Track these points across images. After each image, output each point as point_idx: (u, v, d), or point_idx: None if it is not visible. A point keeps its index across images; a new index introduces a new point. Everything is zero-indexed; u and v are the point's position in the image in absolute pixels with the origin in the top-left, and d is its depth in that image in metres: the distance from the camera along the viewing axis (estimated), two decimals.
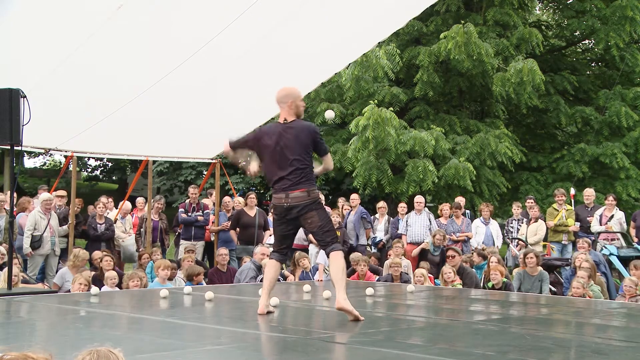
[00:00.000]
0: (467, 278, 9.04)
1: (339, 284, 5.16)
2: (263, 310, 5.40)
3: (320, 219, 5.23)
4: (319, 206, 5.29)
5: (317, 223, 5.23)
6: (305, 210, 5.20)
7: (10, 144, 6.68)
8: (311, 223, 5.25)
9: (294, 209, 5.21)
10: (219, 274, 9.44)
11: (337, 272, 5.22)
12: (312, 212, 5.21)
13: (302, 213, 5.22)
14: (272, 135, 5.29)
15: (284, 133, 5.24)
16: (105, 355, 2.21)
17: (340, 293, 5.14)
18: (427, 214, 11.24)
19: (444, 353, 3.99)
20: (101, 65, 7.79)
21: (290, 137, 5.21)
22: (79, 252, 8.58)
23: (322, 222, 5.24)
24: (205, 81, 8.66)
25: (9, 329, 4.84)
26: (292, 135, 5.21)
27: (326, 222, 5.28)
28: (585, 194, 11.31)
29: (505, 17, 16.01)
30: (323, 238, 5.28)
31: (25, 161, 31.21)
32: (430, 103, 16.19)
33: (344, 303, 5.10)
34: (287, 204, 5.21)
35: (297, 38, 8.25)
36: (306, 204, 5.19)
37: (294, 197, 5.18)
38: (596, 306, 6.87)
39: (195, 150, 11.14)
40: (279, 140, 5.23)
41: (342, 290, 5.14)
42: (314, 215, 5.22)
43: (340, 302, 5.11)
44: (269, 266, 5.54)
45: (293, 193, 5.18)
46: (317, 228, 5.25)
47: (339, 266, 5.22)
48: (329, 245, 5.25)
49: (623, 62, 15.91)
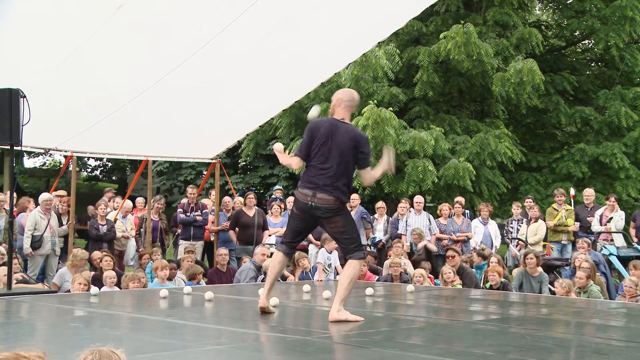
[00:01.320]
0: (467, 278, 9.05)
1: (340, 293, 5.12)
2: (264, 302, 5.35)
3: (344, 224, 5.15)
4: (344, 211, 5.21)
5: (341, 229, 5.15)
6: (330, 214, 5.11)
7: (10, 144, 6.68)
8: (334, 227, 5.18)
9: (318, 211, 5.11)
10: (219, 274, 9.44)
11: (344, 280, 5.17)
12: (337, 217, 5.13)
13: (327, 217, 5.13)
14: (328, 127, 5.16)
15: (339, 129, 5.14)
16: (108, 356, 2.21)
17: (336, 304, 5.10)
18: (426, 214, 11.26)
19: (444, 353, 3.99)
20: (101, 65, 7.79)
21: (344, 136, 5.12)
22: (78, 252, 8.57)
23: (346, 228, 5.15)
24: (205, 81, 8.66)
25: (9, 329, 4.84)
26: (346, 135, 5.13)
27: (350, 228, 5.18)
28: (585, 194, 11.32)
29: (505, 17, 16.01)
30: (345, 245, 5.22)
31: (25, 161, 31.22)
32: (430, 103, 16.18)
33: (336, 315, 5.07)
34: (313, 203, 5.10)
35: (297, 38, 8.26)
36: (331, 209, 5.10)
37: (321, 198, 5.08)
38: (596, 306, 6.87)
39: (195, 150, 11.15)
40: (333, 133, 5.12)
41: (340, 301, 5.09)
42: (338, 221, 5.14)
43: (333, 315, 5.07)
44: (275, 259, 5.46)
45: (321, 194, 5.07)
46: (340, 234, 5.19)
47: (348, 275, 5.16)
48: (351, 252, 5.18)
49: (623, 62, 15.90)
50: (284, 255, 5.43)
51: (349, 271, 5.18)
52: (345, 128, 5.18)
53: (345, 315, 5.11)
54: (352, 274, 5.16)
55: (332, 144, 5.10)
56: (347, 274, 5.18)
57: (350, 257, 5.20)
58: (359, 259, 5.19)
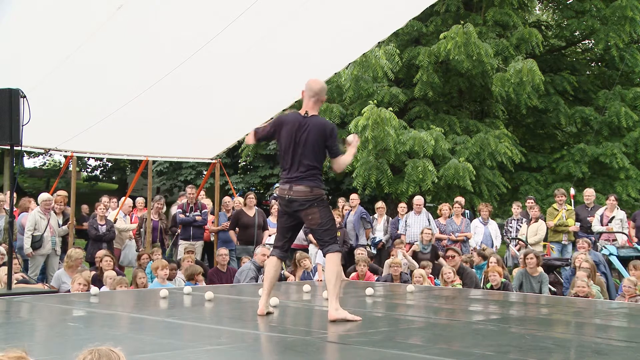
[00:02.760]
0: (467, 278, 9.05)
1: (331, 292, 5.12)
2: (263, 310, 5.37)
3: (321, 216, 5.17)
4: (322, 204, 5.22)
5: (317, 220, 5.17)
6: (307, 205, 5.15)
7: (10, 144, 6.68)
8: (311, 220, 5.19)
9: (295, 203, 5.18)
10: (219, 274, 9.44)
11: (330, 277, 5.17)
12: (314, 209, 5.16)
13: (303, 208, 5.17)
14: (291, 124, 5.22)
15: (303, 126, 5.19)
16: (106, 355, 2.22)
17: (332, 303, 5.10)
18: (426, 215, 11.26)
19: (444, 353, 3.99)
20: (101, 65, 7.78)
21: (307, 131, 5.16)
22: (72, 253, 8.55)
23: (323, 220, 5.17)
24: (205, 81, 8.66)
25: (8, 329, 4.84)
26: (309, 130, 5.16)
27: (327, 220, 5.20)
28: (586, 194, 11.32)
29: (505, 17, 16.01)
30: (322, 237, 5.23)
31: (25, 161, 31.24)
32: (430, 103, 16.18)
33: (335, 314, 5.08)
34: (289, 196, 5.17)
35: (297, 38, 8.25)
36: (307, 200, 5.14)
37: (297, 190, 5.15)
38: (596, 306, 6.87)
39: (195, 150, 11.15)
40: (297, 131, 5.18)
41: (334, 299, 5.10)
42: (315, 212, 5.16)
43: (332, 314, 5.08)
44: (269, 265, 5.48)
45: (297, 187, 5.15)
46: (317, 226, 5.20)
47: (332, 271, 5.16)
48: (327, 244, 5.20)
49: (623, 62, 15.91)
50: (278, 259, 5.45)
51: (331, 267, 5.19)
52: (312, 121, 5.22)
53: (344, 314, 5.12)
54: (335, 268, 5.17)
55: (300, 138, 5.16)
56: (330, 270, 5.18)
57: (327, 251, 5.20)
58: (336, 252, 5.19)
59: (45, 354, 3.83)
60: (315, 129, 5.18)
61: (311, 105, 5.30)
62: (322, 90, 5.39)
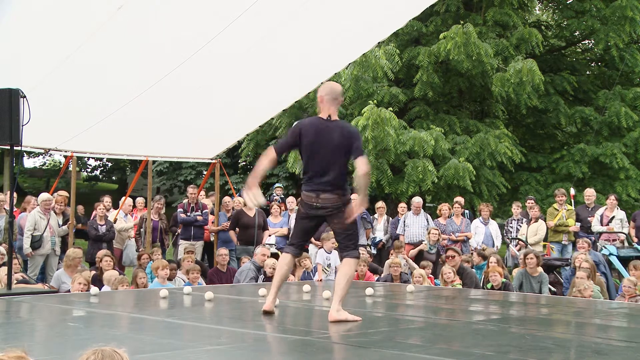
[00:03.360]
0: (467, 278, 9.04)
1: (337, 293, 5.12)
2: (270, 306, 5.33)
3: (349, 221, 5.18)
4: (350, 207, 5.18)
5: (344, 226, 5.17)
6: (336, 212, 5.14)
7: (10, 144, 6.67)
8: (337, 224, 5.19)
9: (323, 210, 5.16)
10: (219, 274, 9.44)
11: (340, 279, 5.18)
12: (342, 214, 5.14)
13: (331, 214, 5.16)
14: (315, 130, 5.14)
15: (327, 131, 5.12)
16: (110, 355, 2.21)
17: (335, 304, 5.10)
18: (424, 215, 11.26)
19: (444, 353, 3.99)
20: (101, 65, 7.79)
21: (335, 136, 5.10)
22: (70, 252, 8.55)
23: (349, 226, 5.17)
24: (205, 81, 8.66)
25: (8, 329, 4.83)
26: (337, 135, 5.10)
27: (351, 226, 5.19)
28: (586, 194, 11.31)
29: (505, 17, 16.01)
30: (344, 242, 5.24)
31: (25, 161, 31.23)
32: (430, 103, 16.17)
33: (336, 315, 5.07)
34: (317, 203, 5.14)
35: (297, 38, 8.26)
36: (337, 206, 5.13)
37: (325, 198, 5.11)
38: (596, 306, 6.87)
39: (195, 150, 11.15)
40: (323, 136, 5.10)
41: (338, 300, 5.09)
42: (343, 218, 5.15)
43: (332, 315, 5.08)
44: (282, 261, 5.43)
45: (325, 194, 5.11)
46: (342, 230, 5.20)
47: (345, 273, 5.17)
48: (347, 249, 5.20)
49: (623, 63, 15.90)
50: (292, 256, 5.42)
51: (345, 270, 5.20)
52: (334, 125, 5.16)
53: (344, 315, 5.11)
54: (349, 272, 5.17)
55: (323, 145, 5.09)
56: (344, 273, 5.19)
57: (346, 256, 5.21)
58: (355, 257, 5.21)
59: (45, 354, 3.83)
60: (342, 132, 5.11)
61: (333, 110, 5.24)
62: (343, 93, 5.38)
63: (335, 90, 5.29)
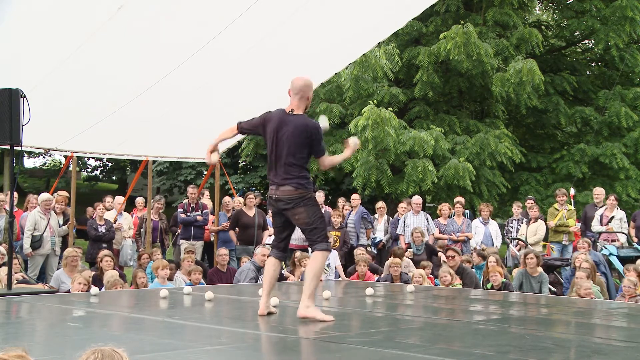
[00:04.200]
0: (467, 278, 9.04)
1: (306, 289, 5.08)
2: (263, 311, 5.35)
3: (308, 215, 5.10)
4: (309, 202, 5.12)
5: (304, 220, 5.11)
6: (292, 205, 5.09)
7: (10, 144, 6.68)
8: (298, 219, 5.14)
9: (280, 202, 5.13)
10: (219, 274, 9.44)
11: (308, 274, 5.15)
12: (300, 209, 5.09)
13: (289, 208, 5.12)
14: (274, 122, 5.18)
15: (285, 124, 5.12)
16: (110, 355, 2.21)
17: (304, 300, 5.06)
18: (424, 215, 11.26)
19: (444, 353, 3.99)
20: (101, 65, 7.79)
21: (290, 130, 5.09)
22: (67, 252, 8.54)
23: (310, 219, 5.10)
24: (205, 81, 8.66)
25: (9, 329, 4.84)
26: (292, 128, 5.09)
27: (314, 219, 5.11)
28: (595, 193, 11.28)
29: (505, 17, 16.01)
30: (310, 236, 5.19)
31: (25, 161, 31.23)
32: (430, 103, 16.18)
33: (305, 312, 5.04)
34: (275, 196, 5.14)
35: (297, 38, 8.25)
36: (292, 199, 5.08)
37: (282, 190, 5.11)
38: (596, 306, 6.87)
39: (195, 150, 11.12)
40: (279, 129, 5.12)
41: (308, 296, 5.05)
42: (301, 212, 5.10)
43: (301, 312, 5.06)
44: (268, 265, 5.44)
45: (282, 187, 5.11)
46: (304, 225, 5.15)
47: (313, 268, 5.13)
48: (314, 243, 5.15)
49: (623, 63, 15.91)
50: (276, 259, 5.42)
51: (312, 265, 5.17)
52: (293, 119, 5.15)
53: (314, 312, 5.07)
54: (316, 267, 5.13)
55: (279, 136, 5.11)
56: (310, 268, 5.17)
57: (314, 249, 5.17)
58: (322, 250, 5.13)
59: (45, 354, 3.83)
60: (297, 127, 5.10)
61: (296, 103, 5.22)
62: (305, 87, 5.26)
63: (296, 85, 5.25)
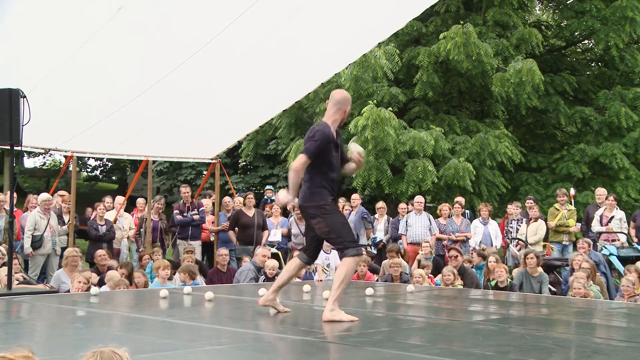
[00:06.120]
0: (468, 278, 9.04)
1: (332, 293, 5.12)
2: (264, 302, 5.40)
3: (326, 224, 5.13)
4: (324, 211, 5.12)
5: (323, 229, 5.16)
6: (309, 216, 5.20)
7: (10, 144, 6.68)
8: (318, 229, 5.20)
9: (302, 213, 5.35)
10: (219, 274, 9.44)
11: (336, 279, 5.18)
12: (317, 219, 5.15)
13: (308, 219, 5.25)
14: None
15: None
16: (109, 357, 2.21)
17: (329, 304, 5.10)
18: (426, 215, 11.26)
19: (444, 353, 3.99)
20: (101, 65, 7.79)
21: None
22: (66, 252, 8.54)
23: (329, 228, 5.13)
24: (205, 81, 8.66)
25: (9, 329, 4.84)
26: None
27: (334, 227, 5.13)
28: (597, 193, 11.28)
29: (505, 17, 16.00)
30: (334, 244, 5.32)
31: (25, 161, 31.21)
32: (430, 103, 16.17)
33: (329, 315, 5.07)
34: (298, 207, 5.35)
35: (297, 39, 8.26)
36: (307, 212, 5.19)
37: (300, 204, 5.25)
38: (596, 306, 6.87)
39: (195, 150, 11.15)
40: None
41: (333, 301, 5.09)
42: (319, 222, 5.15)
43: (326, 315, 5.09)
44: (290, 264, 5.55)
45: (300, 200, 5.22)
46: (325, 234, 5.20)
47: (340, 273, 5.15)
48: (342, 250, 5.21)
49: (623, 63, 15.90)
50: (302, 263, 5.49)
51: (341, 270, 5.18)
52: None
53: (339, 315, 5.09)
54: (344, 272, 5.13)
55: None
56: (339, 273, 5.19)
57: (343, 256, 5.21)
58: (351, 256, 5.14)
59: (46, 353, 3.83)
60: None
61: (331, 115, 5.23)
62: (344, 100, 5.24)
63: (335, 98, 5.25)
